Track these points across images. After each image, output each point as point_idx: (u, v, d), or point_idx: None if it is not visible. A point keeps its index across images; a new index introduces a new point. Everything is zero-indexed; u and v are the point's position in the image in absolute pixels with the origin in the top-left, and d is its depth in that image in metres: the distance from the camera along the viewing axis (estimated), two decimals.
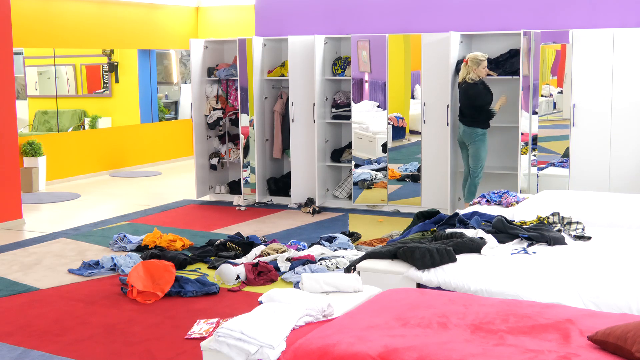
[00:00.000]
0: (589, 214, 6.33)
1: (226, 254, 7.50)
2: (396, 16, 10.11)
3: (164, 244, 7.90)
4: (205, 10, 15.52)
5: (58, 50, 13.31)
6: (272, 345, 3.74)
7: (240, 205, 10.37)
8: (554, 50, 9.20)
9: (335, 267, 6.80)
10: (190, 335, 5.46)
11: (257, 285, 6.67)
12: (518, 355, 3.47)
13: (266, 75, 10.40)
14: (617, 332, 3.46)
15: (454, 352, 3.52)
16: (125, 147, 14.05)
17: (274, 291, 4.36)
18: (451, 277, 4.91)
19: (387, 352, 3.53)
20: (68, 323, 5.86)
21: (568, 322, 3.86)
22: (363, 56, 9.64)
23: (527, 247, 5.42)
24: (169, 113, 15.61)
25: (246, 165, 10.43)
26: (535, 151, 9.04)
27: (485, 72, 8.82)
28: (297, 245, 7.68)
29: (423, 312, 4.08)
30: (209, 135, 10.99)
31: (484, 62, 8.76)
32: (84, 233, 8.89)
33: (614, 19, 9.00)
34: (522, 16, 9.43)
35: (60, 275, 7.16)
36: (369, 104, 9.78)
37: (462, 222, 6.08)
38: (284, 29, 10.73)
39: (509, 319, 3.95)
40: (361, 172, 9.86)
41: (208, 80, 10.84)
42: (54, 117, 13.42)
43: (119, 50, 14.33)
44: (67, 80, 14.39)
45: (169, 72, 15.87)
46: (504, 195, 7.16)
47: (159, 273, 6.50)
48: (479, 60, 8.72)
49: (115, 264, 7.26)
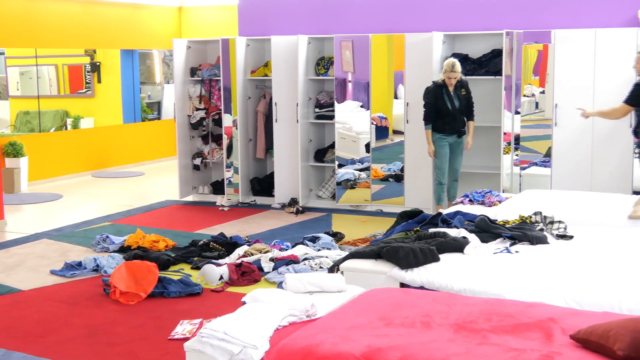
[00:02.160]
0: (571, 213, 6.36)
1: (209, 255, 7.49)
2: (379, 16, 10.12)
3: (146, 244, 7.88)
4: (188, 10, 15.48)
5: (40, 50, 13.24)
6: (256, 346, 3.74)
7: (224, 205, 10.35)
8: (536, 50, 9.24)
9: (318, 267, 6.80)
10: (173, 336, 5.45)
11: (240, 286, 6.66)
12: (501, 354, 3.49)
13: (249, 75, 10.38)
14: (599, 331, 3.48)
15: (437, 351, 3.53)
16: (107, 147, 13.99)
17: (257, 291, 4.35)
18: (434, 276, 4.93)
19: (371, 351, 3.54)
20: (51, 324, 5.83)
21: (550, 321, 3.88)
22: (346, 56, 9.65)
23: (509, 247, 5.44)
24: (151, 113, 15.56)
25: (229, 165, 10.42)
26: (518, 151, 9.08)
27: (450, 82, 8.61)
28: (281, 246, 7.68)
29: (406, 311, 4.09)
30: (192, 135, 10.96)
31: (450, 74, 8.55)
32: (66, 234, 8.85)
33: (595, 19, 9.05)
34: (504, 16, 9.47)
35: (42, 277, 7.12)
36: (352, 103, 9.79)
37: (445, 222, 6.09)
38: (267, 29, 10.72)
39: (492, 318, 3.96)
40: (344, 172, 9.86)
41: (191, 80, 10.82)
42: (35, 117, 13.35)
43: (102, 50, 14.28)
44: (49, 81, 14.32)
45: (152, 72, 15.82)
46: (487, 194, 7.19)
47: (141, 274, 6.48)
48: (446, 69, 8.57)
49: (97, 265, 7.23)
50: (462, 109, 8.75)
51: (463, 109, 8.75)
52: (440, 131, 8.75)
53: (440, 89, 8.65)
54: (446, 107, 8.65)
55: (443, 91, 8.64)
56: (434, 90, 8.69)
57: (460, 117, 8.77)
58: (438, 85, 8.68)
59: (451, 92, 8.65)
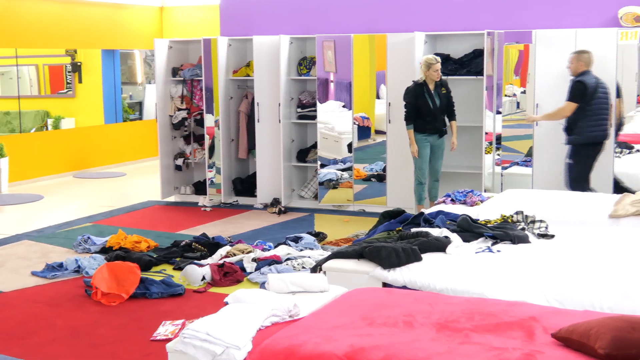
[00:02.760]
0: (552, 213, 6.39)
1: (192, 255, 7.47)
2: (361, 16, 10.14)
3: (128, 245, 7.85)
4: (169, 10, 15.43)
5: (20, 50, 13.15)
6: (238, 346, 3.73)
7: (206, 205, 10.33)
8: (517, 50, 9.29)
9: (301, 267, 6.80)
10: (155, 337, 5.43)
11: (223, 286, 6.65)
12: (483, 353, 3.50)
13: (231, 76, 10.37)
14: (581, 329, 3.50)
15: (419, 350, 3.53)
16: (89, 147, 13.92)
17: (240, 292, 4.35)
18: (417, 276, 4.94)
19: (354, 351, 3.54)
20: (32, 326, 5.80)
21: (532, 320, 3.89)
22: (328, 56, 9.66)
23: (491, 246, 5.46)
24: (133, 113, 15.50)
25: (211, 165, 10.40)
26: (499, 150, 9.11)
27: (437, 75, 8.65)
28: (263, 246, 7.67)
29: (389, 311, 4.09)
30: (174, 135, 10.93)
31: (435, 65, 8.61)
32: (47, 235, 8.80)
33: (576, 20, 9.10)
34: (485, 16, 9.50)
35: (23, 278, 7.08)
36: (335, 104, 9.80)
37: (427, 222, 6.11)
38: (249, 29, 10.71)
39: (474, 317, 3.98)
40: (327, 172, 9.87)
41: (173, 80, 10.79)
42: (16, 117, 13.26)
43: (83, 50, 14.20)
44: (30, 81, 14.23)
45: (133, 72, 15.76)
46: (469, 194, 7.21)
47: (123, 275, 6.46)
48: (429, 62, 8.68)
49: (79, 266, 7.19)
50: (443, 108, 8.77)
51: (444, 107, 8.77)
52: (422, 131, 8.76)
53: (421, 87, 8.67)
54: (427, 106, 8.67)
55: (424, 90, 8.66)
56: (415, 90, 8.70)
57: (441, 117, 8.79)
58: (418, 85, 8.70)
59: (432, 91, 8.67)
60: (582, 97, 8.00)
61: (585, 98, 8.01)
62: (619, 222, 6.24)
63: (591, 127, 8.10)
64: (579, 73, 8.13)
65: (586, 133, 8.10)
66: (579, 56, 8.15)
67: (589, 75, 8.11)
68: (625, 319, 3.51)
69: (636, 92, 9.41)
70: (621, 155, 8.96)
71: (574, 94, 8.05)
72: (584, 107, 8.02)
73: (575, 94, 8.03)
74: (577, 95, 8.02)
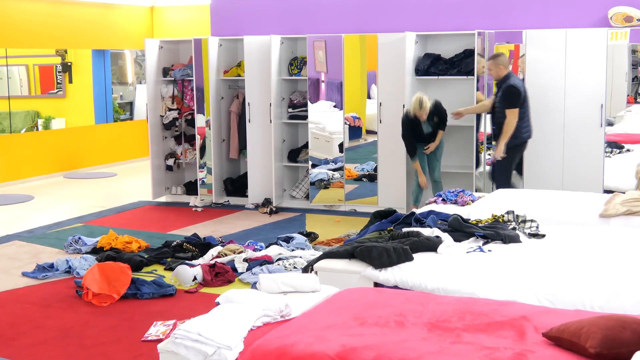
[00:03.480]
0: (543, 212, 6.41)
1: (183, 255, 7.46)
2: (352, 16, 10.14)
3: (119, 245, 7.83)
4: (160, 10, 15.40)
5: (10, 50, 13.12)
6: (230, 347, 3.73)
7: (197, 206, 10.32)
8: (507, 50, 9.30)
9: (292, 268, 6.80)
10: (147, 338, 5.42)
11: (214, 287, 6.65)
12: (474, 353, 3.50)
13: (222, 76, 10.36)
14: (572, 329, 3.51)
15: (411, 350, 3.54)
16: (79, 148, 13.89)
17: (231, 292, 4.35)
18: (408, 276, 4.94)
19: (345, 351, 3.54)
20: (23, 327, 5.78)
21: (523, 319, 3.90)
22: (319, 56, 9.66)
23: (482, 246, 5.47)
24: (124, 113, 15.47)
25: (202, 165, 10.39)
26: (490, 150, 9.12)
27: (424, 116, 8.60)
28: (255, 246, 7.67)
29: (380, 311, 4.10)
30: (165, 135, 10.92)
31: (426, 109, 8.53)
32: (38, 235, 8.78)
33: (566, 20, 9.12)
34: (476, 16, 9.52)
35: (14, 279, 7.06)
36: (326, 103, 9.80)
37: (418, 221, 6.11)
38: (240, 29, 10.70)
39: (465, 316, 3.98)
40: (318, 172, 9.87)
41: (163, 80, 10.77)
42: (6, 118, 13.22)
43: (73, 50, 14.17)
44: (20, 81, 14.20)
45: (124, 72, 15.73)
46: (460, 194, 7.21)
47: (114, 275, 6.45)
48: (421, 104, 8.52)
49: (70, 267, 7.18)
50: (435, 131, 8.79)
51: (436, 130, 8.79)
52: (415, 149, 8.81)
53: (415, 120, 8.64)
54: (421, 135, 8.72)
55: (418, 121, 8.65)
56: (408, 123, 8.69)
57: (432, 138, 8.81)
58: (410, 119, 8.66)
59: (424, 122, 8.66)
60: (518, 101, 8.16)
61: (520, 101, 8.18)
62: (609, 222, 6.25)
63: (525, 129, 8.32)
64: (502, 77, 8.28)
65: (521, 135, 8.30)
66: (496, 61, 8.28)
67: (515, 77, 8.33)
68: (616, 318, 3.52)
69: (626, 92, 9.44)
70: (611, 155, 8.99)
71: (512, 101, 8.16)
72: (519, 110, 8.19)
73: (514, 100, 8.16)
74: (515, 100, 8.15)
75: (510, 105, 8.13)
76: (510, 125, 8.13)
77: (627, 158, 9.02)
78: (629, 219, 6.22)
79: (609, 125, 9.05)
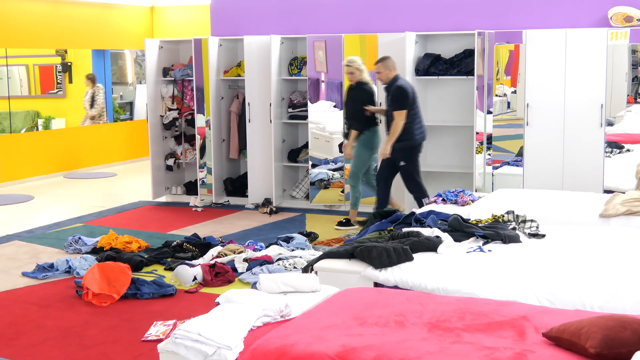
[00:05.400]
0: (543, 212, 6.41)
1: (183, 255, 7.46)
2: (352, 16, 10.14)
3: (119, 245, 7.83)
4: (160, 10, 15.41)
5: (10, 51, 13.12)
6: (230, 347, 3.73)
7: (197, 206, 10.32)
8: (507, 50, 9.30)
9: (292, 268, 6.80)
10: (147, 338, 5.42)
11: (214, 287, 6.65)
12: (474, 353, 3.50)
13: (222, 76, 10.36)
14: (571, 328, 3.51)
15: (411, 350, 3.54)
16: (79, 148, 13.89)
17: (231, 292, 4.34)
18: (408, 276, 4.94)
19: (345, 351, 3.54)
20: (22, 327, 5.78)
21: (523, 319, 3.90)
22: (319, 56, 9.66)
23: (482, 246, 5.47)
24: (124, 114, 15.47)
25: (202, 165, 10.39)
26: (490, 150, 9.13)
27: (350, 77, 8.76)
28: (255, 246, 7.67)
29: (380, 311, 4.10)
30: (165, 135, 10.92)
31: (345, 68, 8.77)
32: (37, 235, 8.78)
33: (566, 20, 9.12)
34: (476, 17, 9.52)
35: (14, 279, 7.06)
36: (326, 103, 9.79)
37: (418, 221, 6.11)
38: (240, 29, 10.69)
39: (465, 316, 3.98)
40: (318, 172, 9.87)
41: (163, 80, 10.77)
42: (6, 118, 13.22)
43: (73, 50, 14.17)
44: (20, 81, 14.19)
45: (124, 72, 15.73)
46: (460, 194, 7.22)
47: (114, 275, 6.45)
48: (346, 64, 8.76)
49: (70, 267, 7.18)
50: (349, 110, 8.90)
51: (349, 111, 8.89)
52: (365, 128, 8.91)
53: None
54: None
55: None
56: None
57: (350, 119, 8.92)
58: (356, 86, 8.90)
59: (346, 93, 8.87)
60: (407, 102, 8.22)
61: (409, 102, 8.24)
62: (609, 222, 6.25)
63: (418, 130, 8.38)
64: (391, 79, 8.37)
65: (415, 136, 8.36)
66: (385, 63, 8.37)
67: (403, 80, 8.43)
68: (616, 318, 3.52)
69: (626, 92, 9.44)
70: (611, 155, 8.98)
71: (400, 102, 8.24)
72: (409, 112, 8.25)
73: (402, 101, 8.24)
74: (404, 102, 8.23)
75: (398, 107, 8.23)
76: (398, 126, 8.21)
77: (627, 158, 9.02)
78: (629, 219, 6.22)
79: (609, 125, 9.05)
